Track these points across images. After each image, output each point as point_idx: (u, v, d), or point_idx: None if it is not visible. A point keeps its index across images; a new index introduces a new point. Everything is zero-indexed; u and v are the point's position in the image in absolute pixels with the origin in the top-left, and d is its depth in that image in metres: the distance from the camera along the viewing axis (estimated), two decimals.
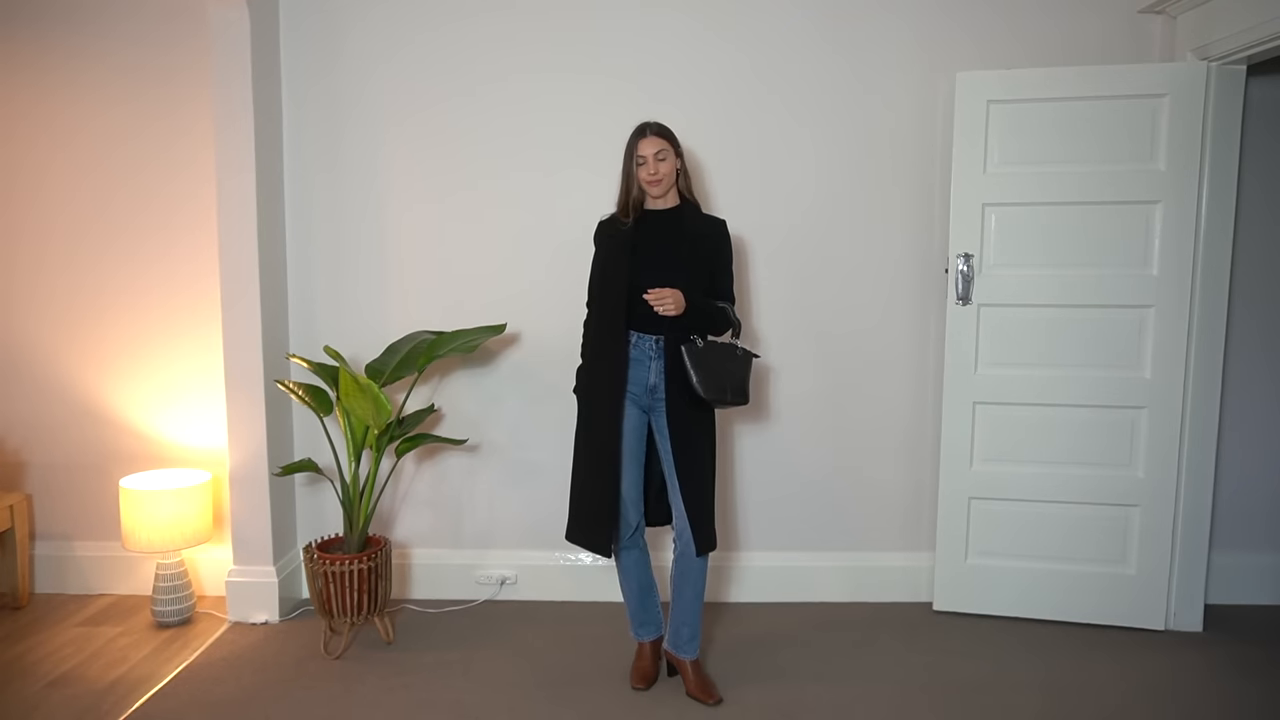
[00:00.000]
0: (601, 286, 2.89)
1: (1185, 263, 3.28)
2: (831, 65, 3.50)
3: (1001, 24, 3.46)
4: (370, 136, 3.57)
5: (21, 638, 3.39)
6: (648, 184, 2.81)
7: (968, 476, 3.49)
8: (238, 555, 3.53)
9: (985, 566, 3.52)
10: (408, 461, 3.70)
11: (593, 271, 2.95)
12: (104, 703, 2.93)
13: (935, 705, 2.90)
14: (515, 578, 3.71)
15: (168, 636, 3.40)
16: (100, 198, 3.64)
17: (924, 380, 3.62)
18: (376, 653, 3.26)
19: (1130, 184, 3.29)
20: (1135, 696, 2.95)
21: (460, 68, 3.53)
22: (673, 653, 2.99)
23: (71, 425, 3.74)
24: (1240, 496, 3.62)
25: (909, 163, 3.54)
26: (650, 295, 2.75)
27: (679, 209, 2.89)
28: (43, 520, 3.80)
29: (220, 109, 3.36)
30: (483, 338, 3.33)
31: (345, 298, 3.65)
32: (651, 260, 2.81)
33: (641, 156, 2.79)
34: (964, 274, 3.40)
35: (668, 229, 2.85)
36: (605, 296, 2.86)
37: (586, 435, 2.91)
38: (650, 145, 2.79)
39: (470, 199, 3.59)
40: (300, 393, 3.28)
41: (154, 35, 3.55)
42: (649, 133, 2.80)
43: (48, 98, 3.61)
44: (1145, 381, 3.34)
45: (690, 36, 3.50)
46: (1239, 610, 3.57)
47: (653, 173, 2.79)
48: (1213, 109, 3.22)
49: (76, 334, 3.71)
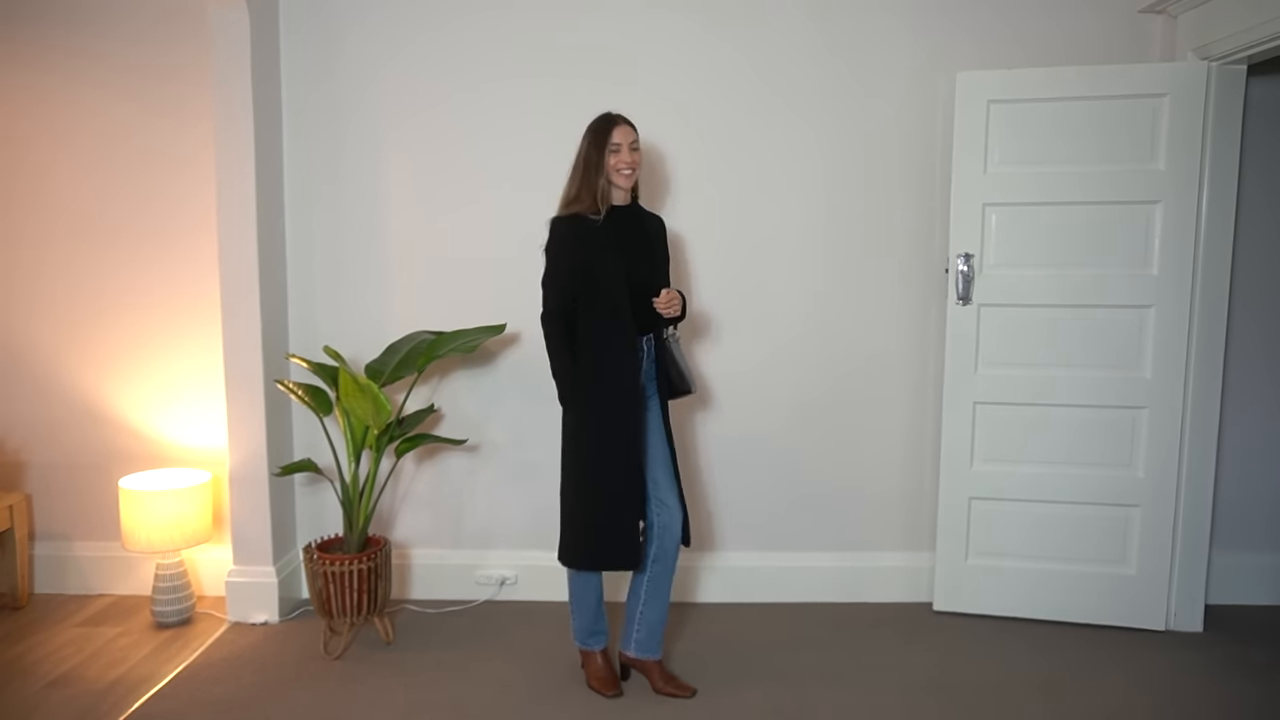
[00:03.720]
0: (597, 288, 2.73)
1: (1185, 263, 3.28)
2: (831, 65, 3.50)
3: (1001, 24, 3.46)
4: (370, 136, 3.57)
5: (21, 638, 3.39)
6: (621, 174, 2.74)
7: (968, 476, 3.49)
8: (237, 555, 3.53)
9: (985, 566, 3.52)
10: (407, 461, 3.70)
11: (562, 272, 2.75)
12: (104, 703, 2.93)
13: (936, 705, 2.89)
14: (515, 578, 3.71)
15: (168, 637, 3.40)
16: (101, 198, 3.64)
17: (924, 380, 3.62)
18: (376, 653, 3.26)
19: (1130, 184, 3.29)
20: (1135, 697, 2.95)
21: (461, 68, 3.53)
22: (636, 655, 2.93)
23: (71, 425, 3.74)
24: (1240, 496, 3.61)
25: (909, 163, 3.54)
26: (661, 300, 2.75)
27: (635, 204, 2.87)
28: (42, 520, 3.80)
29: (220, 109, 3.35)
30: (483, 338, 3.33)
31: (345, 298, 3.65)
32: (634, 257, 2.78)
33: (616, 144, 2.72)
34: (964, 274, 3.39)
35: (633, 225, 2.82)
36: (609, 298, 2.73)
37: (603, 445, 2.76)
38: (626, 134, 2.74)
39: (470, 199, 3.59)
40: (300, 393, 3.28)
41: (154, 35, 3.54)
42: (623, 121, 2.76)
43: (48, 98, 3.61)
44: (1145, 381, 3.34)
45: (690, 37, 3.50)
46: (1239, 610, 3.57)
47: (628, 162, 2.73)
48: (1213, 109, 3.22)
49: (77, 334, 3.71)
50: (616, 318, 2.74)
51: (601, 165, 2.74)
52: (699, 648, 3.27)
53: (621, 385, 2.75)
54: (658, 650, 2.94)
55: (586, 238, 2.74)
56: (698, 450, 3.68)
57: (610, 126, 2.75)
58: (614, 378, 2.75)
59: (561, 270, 2.76)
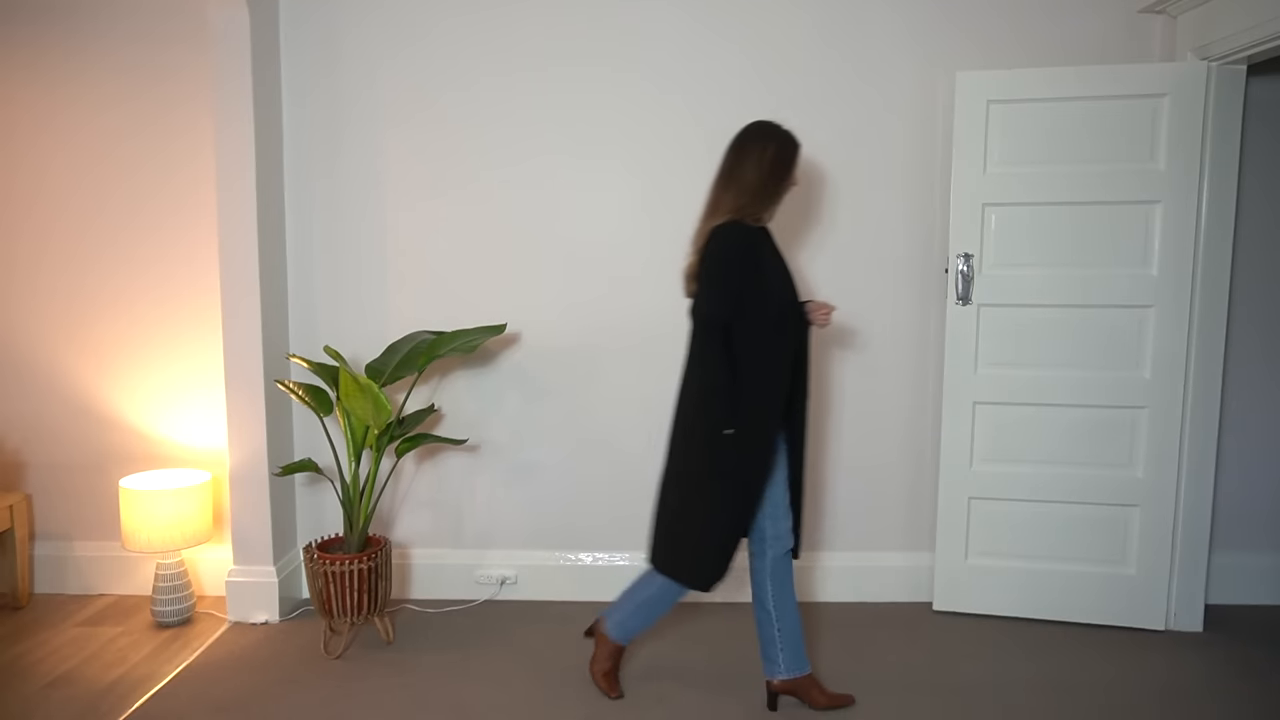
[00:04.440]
0: (768, 298, 2.65)
1: (1185, 263, 3.28)
2: (831, 65, 3.50)
3: (1001, 24, 3.46)
4: (371, 136, 3.57)
5: (21, 638, 3.39)
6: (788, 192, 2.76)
7: (968, 476, 3.49)
8: (238, 555, 3.53)
9: (985, 566, 3.52)
10: (408, 461, 3.70)
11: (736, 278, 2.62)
12: (104, 703, 2.93)
13: (935, 705, 2.90)
14: (515, 578, 3.71)
15: (168, 636, 3.40)
16: (100, 197, 3.64)
17: (924, 380, 3.62)
18: (376, 653, 3.26)
19: (1130, 184, 3.29)
20: (1135, 696, 2.95)
21: (462, 67, 3.53)
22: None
23: (71, 425, 3.74)
24: (1240, 496, 3.62)
25: (909, 163, 3.54)
26: (823, 310, 2.75)
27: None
28: (43, 520, 3.80)
29: (220, 109, 3.35)
30: (483, 338, 3.33)
31: (345, 298, 3.65)
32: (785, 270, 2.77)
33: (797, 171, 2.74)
34: (964, 274, 3.40)
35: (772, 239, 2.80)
36: (777, 308, 2.67)
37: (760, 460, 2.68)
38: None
39: (470, 199, 3.59)
40: (300, 393, 3.28)
41: (154, 34, 3.54)
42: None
43: (46, 97, 3.61)
44: (1145, 381, 3.34)
45: (691, 35, 3.49)
46: (1239, 610, 3.57)
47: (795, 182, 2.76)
48: (1213, 109, 3.22)
49: (76, 334, 3.71)
50: (780, 329, 2.68)
51: (784, 182, 2.72)
52: (699, 648, 3.28)
53: (779, 397, 2.69)
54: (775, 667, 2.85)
55: (760, 246, 2.70)
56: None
57: (798, 148, 2.73)
58: (773, 390, 2.68)
59: (736, 276, 2.63)
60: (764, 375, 2.66)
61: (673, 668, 3.13)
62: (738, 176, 2.69)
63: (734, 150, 2.73)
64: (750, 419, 2.64)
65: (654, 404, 3.61)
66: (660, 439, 3.65)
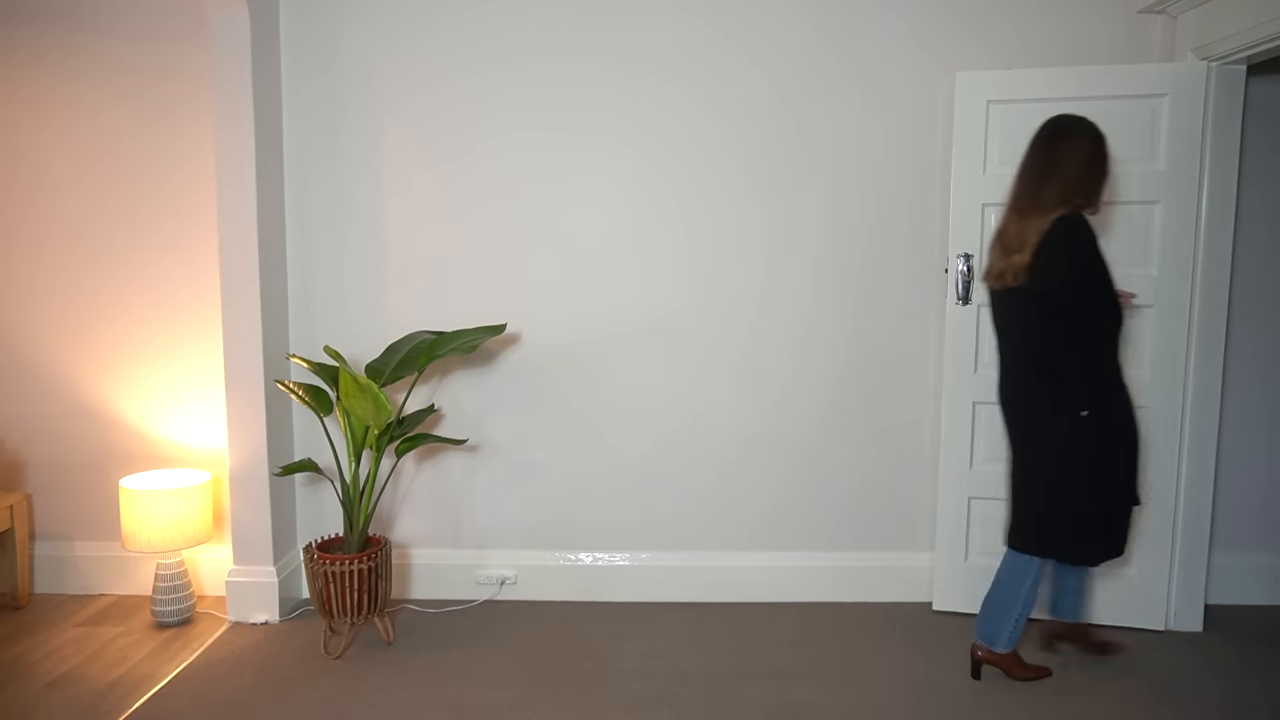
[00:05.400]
0: (1110, 286, 2.78)
1: (1185, 263, 3.28)
2: (831, 65, 3.50)
3: (1001, 24, 3.46)
4: (371, 136, 3.57)
5: (21, 638, 3.39)
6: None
7: (968, 476, 3.49)
8: (238, 555, 3.53)
9: (985, 566, 3.51)
10: (408, 461, 3.70)
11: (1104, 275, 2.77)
12: (104, 703, 2.93)
13: (935, 705, 2.90)
14: (515, 578, 3.71)
15: (168, 636, 3.40)
16: (99, 197, 3.64)
17: (924, 380, 3.62)
18: (376, 653, 3.26)
19: (1130, 184, 3.28)
20: (1135, 696, 2.95)
21: (462, 64, 3.53)
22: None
23: (71, 425, 3.74)
24: (1240, 496, 3.62)
25: (909, 162, 3.54)
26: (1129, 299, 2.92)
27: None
28: (43, 520, 3.80)
29: (220, 109, 3.35)
30: (483, 338, 3.33)
31: (345, 298, 3.65)
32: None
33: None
34: (964, 274, 3.40)
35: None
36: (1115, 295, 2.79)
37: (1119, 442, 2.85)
38: None
39: (470, 199, 3.59)
40: (300, 393, 3.28)
41: (153, 34, 3.55)
42: None
43: (46, 97, 3.61)
44: (1145, 381, 3.34)
45: (692, 33, 3.49)
46: (1239, 610, 3.57)
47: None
48: (1213, 109, 3.22)
49: (76, 334, 3.71)
50: (1119, 316, 2.82)
51: (1107, 173, 2.80)
52: (699, 648, 3.28)
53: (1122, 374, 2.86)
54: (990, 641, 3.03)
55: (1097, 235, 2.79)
56: (697, 450, 3.68)
57: (1106, 139, 2.79)
58: (1120, 374, 2.86)
59: (1086, 261, 2.74)
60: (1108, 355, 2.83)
61: (673, 668, 3.13)
62: (1056, 171, 2.76)
63: (1044, 147, 2.80)
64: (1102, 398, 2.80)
65: (655, 403, 3.61)
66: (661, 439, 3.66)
